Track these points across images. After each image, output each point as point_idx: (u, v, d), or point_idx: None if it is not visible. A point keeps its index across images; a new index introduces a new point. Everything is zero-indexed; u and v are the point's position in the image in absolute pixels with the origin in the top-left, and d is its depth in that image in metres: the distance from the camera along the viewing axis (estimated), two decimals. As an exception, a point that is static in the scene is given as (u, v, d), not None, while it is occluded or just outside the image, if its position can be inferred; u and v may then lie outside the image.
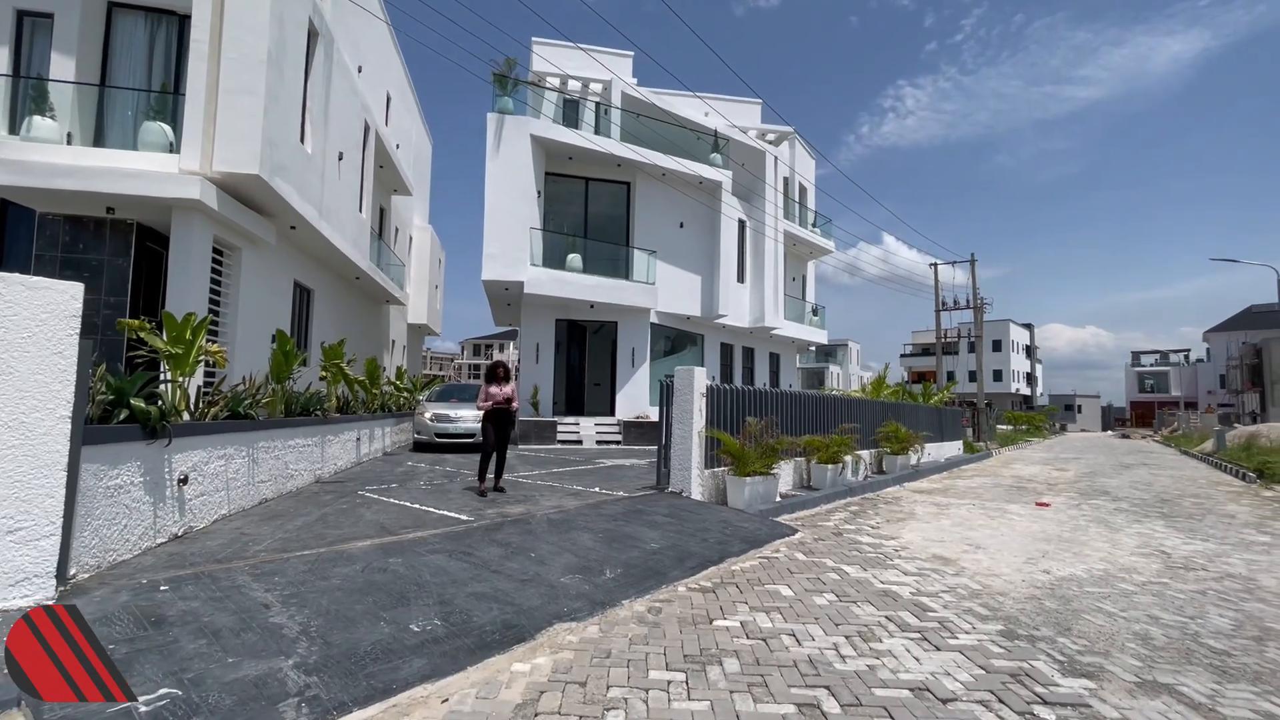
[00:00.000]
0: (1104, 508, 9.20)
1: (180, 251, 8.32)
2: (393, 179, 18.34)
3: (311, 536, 5.12)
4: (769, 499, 8.03)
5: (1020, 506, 9.16)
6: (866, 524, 7.39)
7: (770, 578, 4.85)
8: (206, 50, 8.42)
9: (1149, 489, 11.89)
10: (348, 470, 9.44)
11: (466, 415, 12.85)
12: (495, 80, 14.84)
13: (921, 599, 4.39)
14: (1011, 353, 66.99)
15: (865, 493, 10.21)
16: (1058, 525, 7.61)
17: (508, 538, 5.30)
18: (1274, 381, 43.48)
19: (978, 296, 28.10)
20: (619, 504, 7.11)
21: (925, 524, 7.48)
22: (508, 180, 14.76)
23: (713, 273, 18.33)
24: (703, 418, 7.98)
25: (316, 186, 11.06)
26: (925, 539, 6.56)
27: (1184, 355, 73.88)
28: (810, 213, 25.51)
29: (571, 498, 7.53)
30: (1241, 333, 58.66)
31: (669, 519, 6.45)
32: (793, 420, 9.89)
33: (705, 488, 7.98)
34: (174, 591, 3.65)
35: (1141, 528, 7.57)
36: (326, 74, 11.43)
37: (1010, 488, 11.64)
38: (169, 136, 8.75)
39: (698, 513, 6.88)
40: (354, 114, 13.28)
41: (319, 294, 13.44)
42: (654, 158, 16.54)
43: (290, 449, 7.19)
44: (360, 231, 13.95)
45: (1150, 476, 14.53)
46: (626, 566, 4.73)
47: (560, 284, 15.15)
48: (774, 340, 22.98)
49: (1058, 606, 4.29)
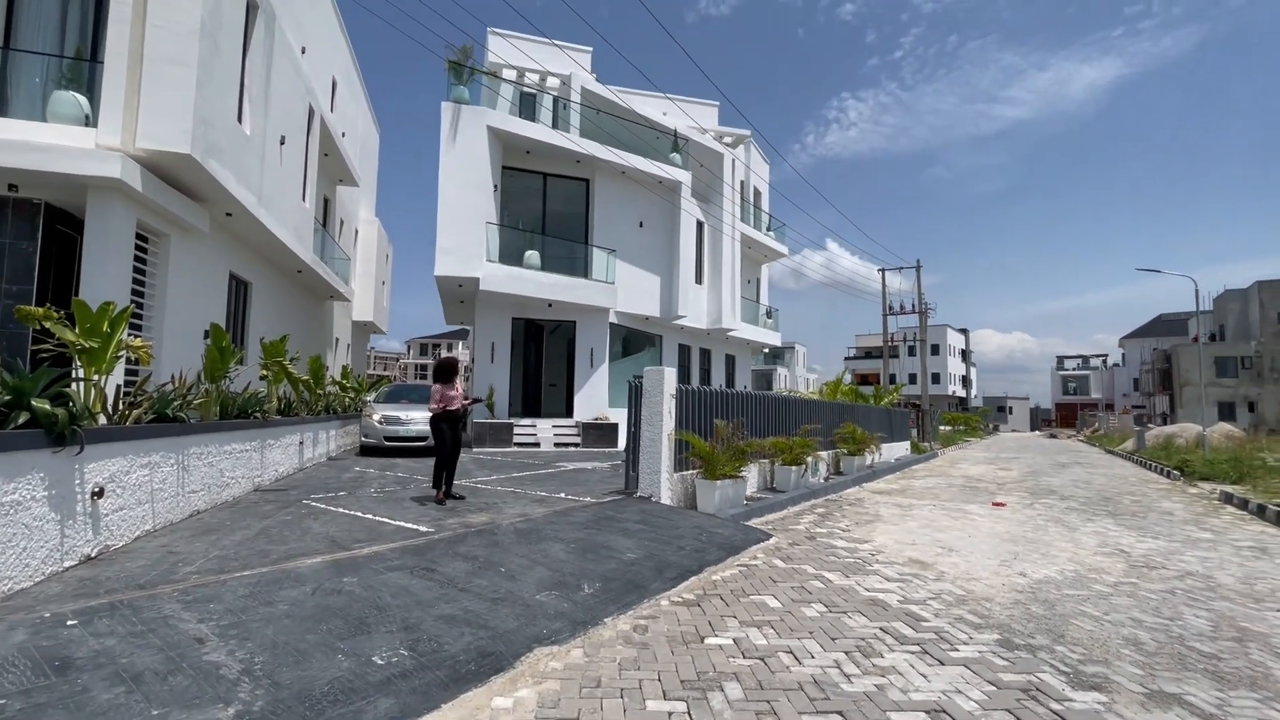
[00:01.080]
0: (1056, 506, 9.48)
1: (97, 236, 7.48)
2: (338, 168, 17.37)
3: (252, 554, 4.59)
4: (738, 502, 7.88)
5: (978, 507, 9.34)
6: (837, 527, 7.32)
7: (754, 588, 4.65)
8: (130, 15, 7.62)
9: (1089, 487, 12.41)
10: (290, 477, 8.74)
11: (418, 417, 12.22)
12: (450, 68, 14.23)
13: (910, 607, 4.27)
14: (949, 356, 69.98)
15: (828, 494, 10.22)
16: (1018, 525, 7.75)
17: (474, 550, 4.91)
18: (1182, 385, 46.93)
19: (922, 301, 29.07)
20: (588, 511, 6.78)
21: (893, 526, 7.47)
22: (463, 172, 14.17)
23: (672, 273, 18.18)
24: (673, 420, 7.75)
25: (255, 171, 10.25)
26: (897, 542, 6.52)
27: (1103, 360, 79.05)
28: (765, 216, 25.78)
29: (537, 505, 7.15)
30: (1153, 340, 63.26)
31: (642, 526, 6.17)
32: (757, 422, 9.80)
33: (675, 492, 7.75)
34: (84, 627, 3.12)
35: (1095, 526, 7.80)
36: (268, 51, 10.62)
37: (964, 488, 11.92)
38: (84, 108, 7.87)
39: (670, 519, 6.64)
40: (297, 96, 12.45)
41: (257, 287, 12.52)
42: (614, 155, 16.25)
43: (226, 455, 6.53)
44: (303, 222, 13.08)
45: (1087, 475, 15.24)
46: (605, 580, 4.43)
47: (518, 281, 14.66)
48: (730, 342, 23.06)
49: (1044, 612, 4.25)
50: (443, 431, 7.13)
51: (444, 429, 7.12)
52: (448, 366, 7.46)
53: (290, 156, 12.11)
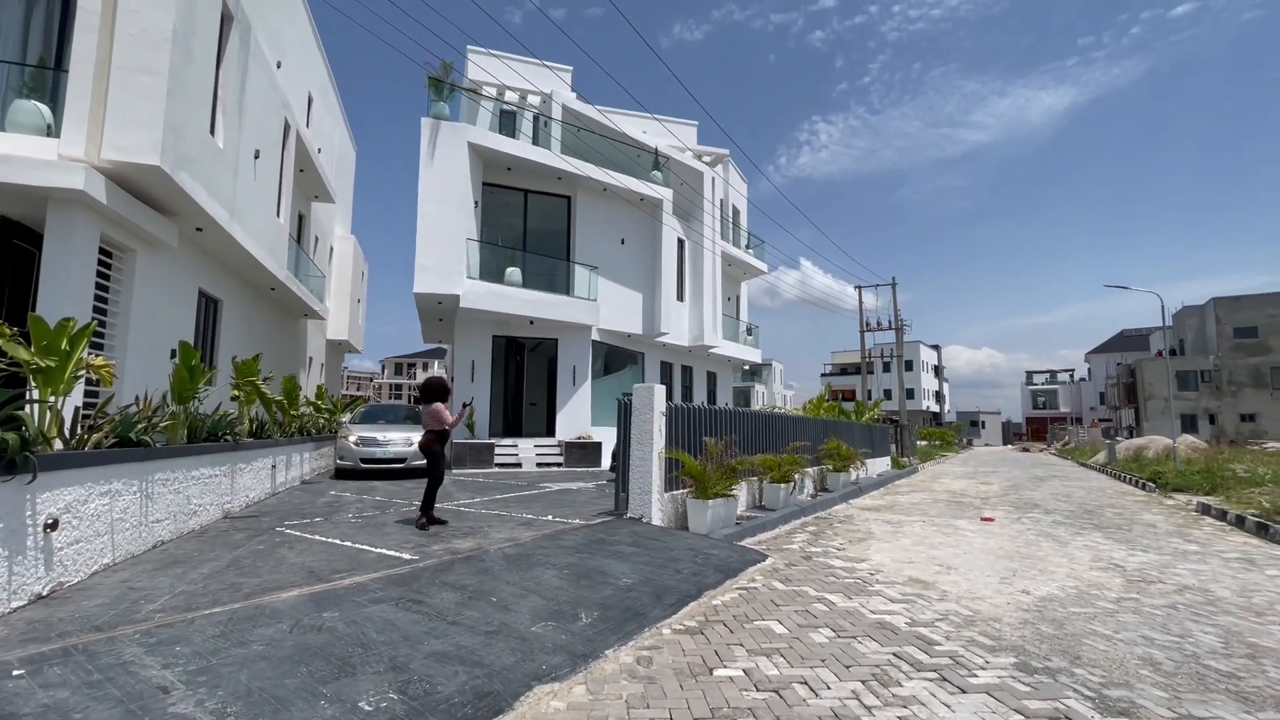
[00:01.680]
0: (1042, 520, 9.49)
1: (57, 250, 7.10)
2: (313, 184, 17.03)
3: (222, 588, 4.27)
4: (729, 521, 7.71)
5: (967, 522, 9.31)
6: (831, 546, 7.19)
7: (757, 612, 4.47)
8: (98, 22, 7.34)
9: (1070, 500, 12.52)
10: (263, 502, 8.32)
11: (396, 438, 11.85)
12: (430, 84, 14.09)
13: (920, 630, 4.13)
14: (922, 372, 71.15)
15: (817, 511, 10.11)
16: (1010, 540, 7.71)
17: (462, 579, 4.65)
18: (1147, 398, 48.33)
19: (899, 318, 29.50)
20: (578, 534, 6.55)
21: (887, 544, 7.37)
22: (443, 188, 13.98)
23: (654, 290, 18.12)
24: (663, 438, 7.58)
25: (228, 184, 9.93)
26: (894, 560, 6.41)
27: (1070, 375, 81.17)
28: (744, 233, 26.00)
29: (524, 528, 6.89)
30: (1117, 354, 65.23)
31: (635, 549, 5.96)
32: (746, 439, 9.68)
33: (665, 512, 7.56)
34: (33, 677, 2.80)
35: (1085, 540, 7.80)
36: (243, 63, 10.37)
37: (949, 503, 11.92)
38: (46, 118, 7.52)
39: (663, 540, 6.44)
40: (273, 110, 12.17)
41: (228, 305, 12.09)
42: (596, 171, 16.22)
43: (194, 480, 6.16)
44: (277, 238, 12.72)
45: (1065, 488, 15.42)
46: (602, 608, 4.21)
47: (499, 298, 14.43)
48: (711, 359, 23.03)
49: (1055, 631, 4.15)
50: (440, 454, 6.95)
51: (440, 451, 6.95)
52: (439, 385, 7.25)
53: (265, 171, 11.80)
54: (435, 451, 7.02)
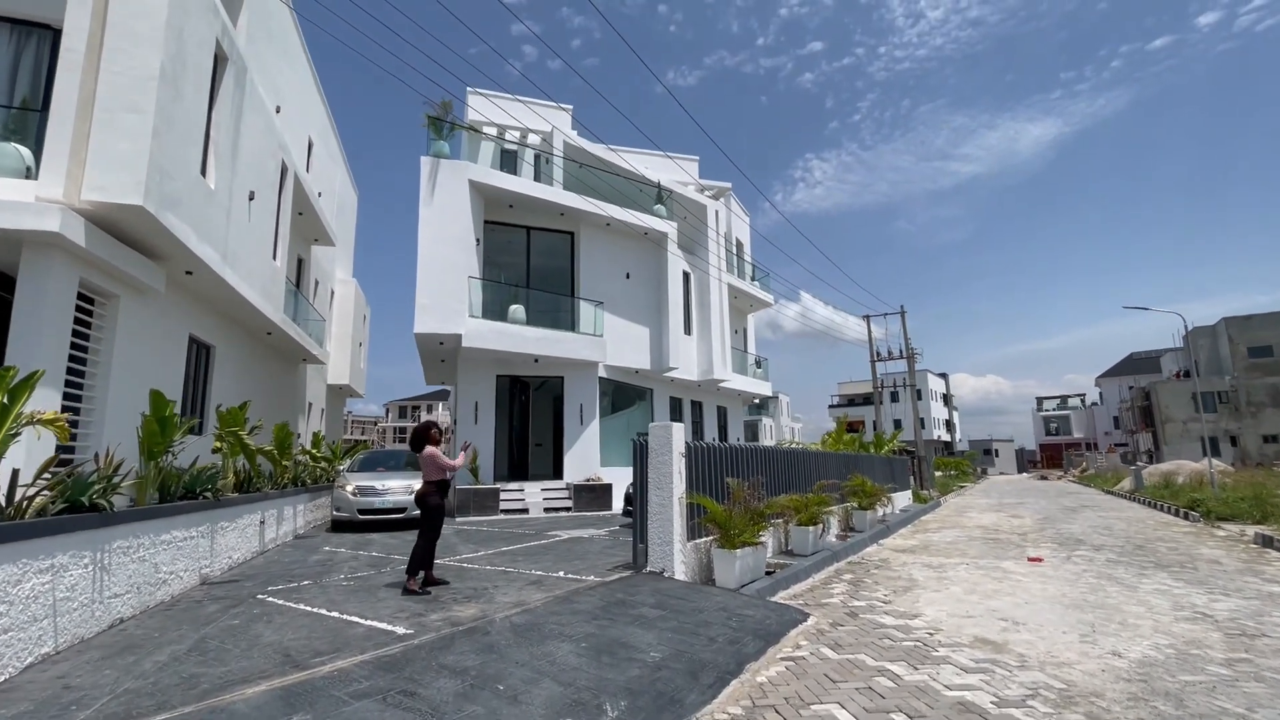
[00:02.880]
0: (1095, 559, 8.73)
1: (30, 296, 6.63)
2: (313, 227, 16.78)
3: (177, 682, 3.60)
4: (758, 571, 7.01)
5: (1014, 563, 8.55)
6: (875, 598, 6.47)
7: (812, 692, 3.78)
8: (82, 62, 7.05)
9: (1113, 533, 11.71)
10: (248, 563, 7.65)
11: (396, 486, 11.20)
12: (430, 123, 13.93)
13: (1013, 713, 3.44)
14: (931, 401, 70.23)
15: (849, 555, 9.37)
16: (1069, 585, 6.97)
17: (463, 659, 3.98)
18: (1164, 421, 47.28)
19: (909, 346, 28.94)
20: (594, 594, 5.86)
21: (936, 593, 6.64)
22: (443, 227, 13.66)
23: (661, 325, 17.66)
24: (683, 481, 6.94)
25: (221, 226, 9.57)
26: (950, 614, 5.69)
27: (1081, 399, 79.99)
28: (748, 265, 25.72)
29: (533, 587, 6.20)
30: (1128, 378, 64.28)
31: (660, 611, 5.27)
32: (771, 479, 9.04)
33: (689, 564, 6.86)
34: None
35: (1153, 583, 7.05)
36: (237, 104, 10.14)
37: (986, 540, 11.14)
38: (26, 160, 7.19)
39: (689, 599, 5.75)
40: (269, 152, 11.93)
41: (221, 351, 11.60)
42: (599, 207, 15.96)
43: (164, 545, 5.53)
44: (273, 281, 12.33)
45: (1102, 519, 14.56)
46: (630, 694, 3.54)
47: (502, 336, 13.95)
48: (721, 393, 22.42)
49: (1174, 710, 3.45)
50: (440, 506, 6.29)
51: (442, 504, 6.29)
52: (425, 431, 6.61)
53: (260, 213, 11.48)
54: (433, 504, 6.32)
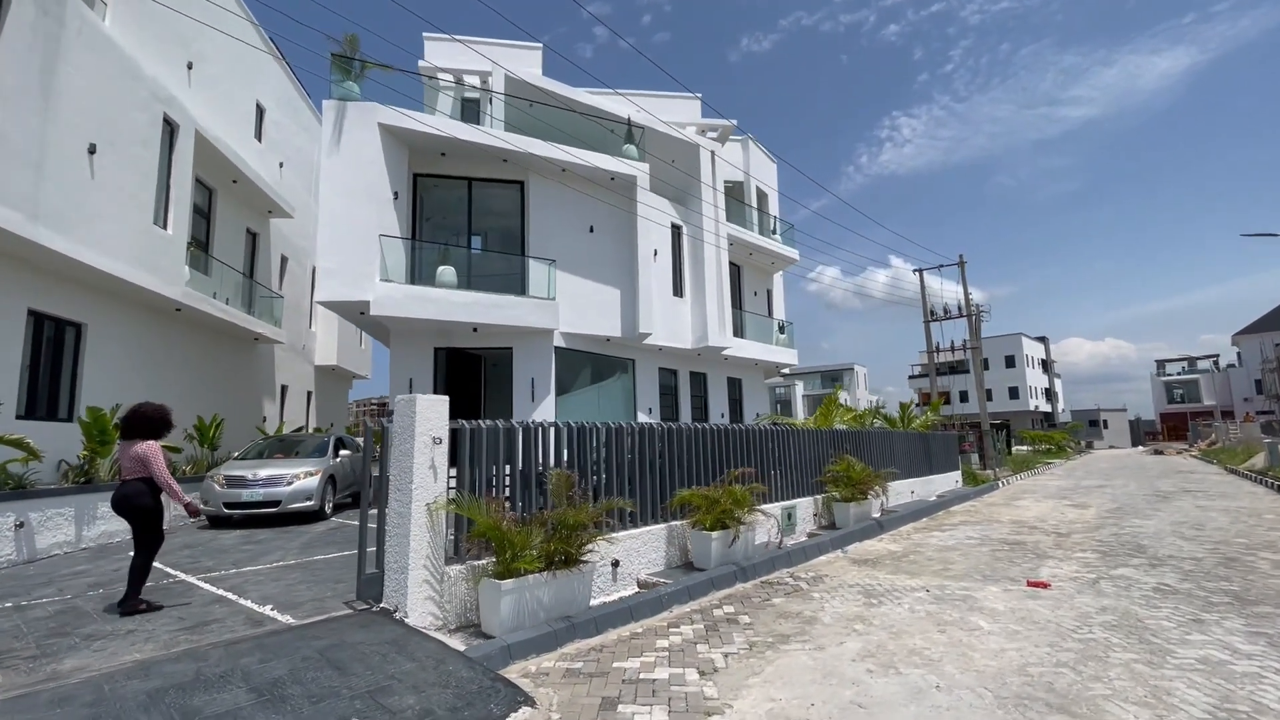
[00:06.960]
0: (1137, 586, 5.75)
1: None
2: (257, 197, 15.69)
3: None
4: (578, 604, 4.80)
5: (1000, 588, 5.77)
6: (697, 662, 4.08)
7: None
8: None
9: (1200, 536, 8.36)
10: None
11: (273, 476, 9.75)
12: (334, 62, 12.21)
13: None
14: (1026, 368, 62.92)
15: (782, 567, 6.88)
16: (1054, 637, 4.24)
17: None
18: (1320, 383, 39.15)
19: (970, 303, 24.72)
20: (256, 654, 3.86)
21: (813, 654, 4.15)
22: (351, 180, 11.97)
23: (633, 285, 15.27)
24: (439, 482, 4.78)
25: (27, 183, 8.28)
26: (775, 712, 3.24)
27: (1213, 361, 69.10)
28: (771, 219, 22.59)
29: (186, 633, 4.30)
30: (1274, 333, 54.24)
31: (303, 692, 3.19)
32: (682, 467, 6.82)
33: (446, 600, 4.72)
34: None
35: (1208, 640, 4.18)
36: (50, 39, 8.76)
37: (1001, 544, 8.18)
38: None
39: (380, 665, 3.63)
40: (134, 104, 10.61)
41: (97, 330, 10.54)
42: (546, 149, 13.72)
43: None
44: (157, 250, 11.11)
45: (1198, 512, 10.93)
46: None
47: (422, 302, 12.15)
48: (731, 363, 19.72)
49: None
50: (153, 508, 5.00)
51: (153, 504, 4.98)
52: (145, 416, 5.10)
53: (121, 172, 10.20)
54: (144, 505, 4.91)
